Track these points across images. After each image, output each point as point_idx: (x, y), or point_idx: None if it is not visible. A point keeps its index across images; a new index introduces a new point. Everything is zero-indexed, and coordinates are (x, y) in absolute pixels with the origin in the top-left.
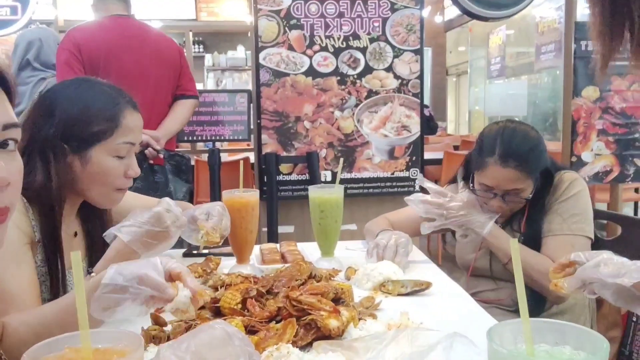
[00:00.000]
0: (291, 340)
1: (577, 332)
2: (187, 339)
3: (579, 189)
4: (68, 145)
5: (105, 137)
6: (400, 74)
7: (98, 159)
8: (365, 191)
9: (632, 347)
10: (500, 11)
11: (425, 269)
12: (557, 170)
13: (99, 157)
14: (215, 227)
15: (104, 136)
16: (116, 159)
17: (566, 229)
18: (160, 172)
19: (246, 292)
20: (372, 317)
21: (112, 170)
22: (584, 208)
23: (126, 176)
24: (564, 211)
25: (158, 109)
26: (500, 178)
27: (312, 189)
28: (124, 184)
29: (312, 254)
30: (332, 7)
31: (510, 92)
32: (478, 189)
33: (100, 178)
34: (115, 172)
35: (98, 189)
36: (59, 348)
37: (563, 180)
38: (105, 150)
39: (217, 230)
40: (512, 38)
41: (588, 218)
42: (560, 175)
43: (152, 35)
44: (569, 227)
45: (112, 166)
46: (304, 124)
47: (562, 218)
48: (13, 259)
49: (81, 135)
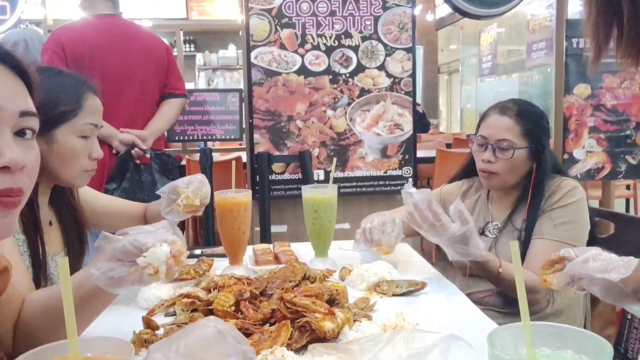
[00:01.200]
0: (286, 343)
1: (578, 335)
2: (178, 338)
3: (577, 199)
4: None
5: (69, 118)
6: (392, 72)
7: (64, 139)
8: (358, 190)
9: (627, 344)
10: (491, 9)
11: (420, 268)
12: (559, 174)
13: (65, 137)
14: (196, 192)
15: (68, 117)
16: (81, 139)
17: (555, 235)
18: (146, 171)
19: (239, 294)
20: (367, 319)
21: (77, 150)
22: (578, 218)
23: (90, 158)
24: (557, 217)
25: (145, 108)
26: (495, 126)
27: (306, 189)
28: (90, 165)
29: (306, 254)
30: (323, 6)
31: (501, 89)
32: (475, 150)
33: (68, 158)
34: (80, 152)
35: (68, 169)
36: (47, 357)
37: (562, 186)
38: (70, 130)
39: (197, 195)
40: (504, 36)
41: (580, 228)
42: (561, 182)
43: (139, 34)
44: (558, 234)
45: (77, 146)
46: (296, 123)
47: (553, 223)
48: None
49: (47, 118)
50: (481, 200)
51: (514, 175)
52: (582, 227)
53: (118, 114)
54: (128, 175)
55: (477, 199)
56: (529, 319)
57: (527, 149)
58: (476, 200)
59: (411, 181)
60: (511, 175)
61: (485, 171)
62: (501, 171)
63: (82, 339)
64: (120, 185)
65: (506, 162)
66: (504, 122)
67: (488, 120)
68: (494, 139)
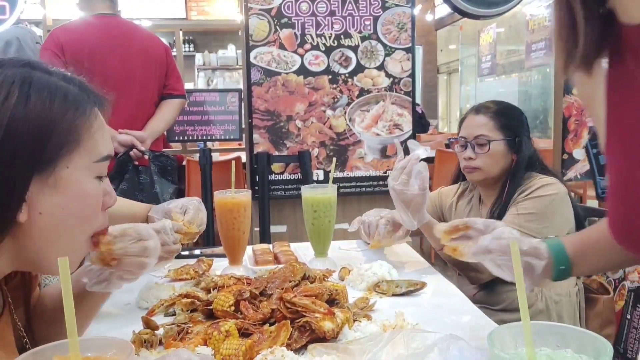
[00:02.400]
0: (285, 343)
1: (578, 335)
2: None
3: (547, 193)
4: None
5: None
6: (391, 72)
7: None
8: (357, 190)
9: (626, 344)
10: (490, 9)
11: (419, 268)
12: (545, 171)
13: None
14: (192, 220)
15: None
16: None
17: (516, 224)
18: (145, 173)
19: (239, 294)
20: (367, 318)
21: None
22: (545, 211)
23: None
24: (522, 208)
25: (144, 109)
26: (471, 125)
27: (305, 189)
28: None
29: (306, 254)
30: (323, 6)
31: (500, 90)
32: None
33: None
34: None
35: None
36: (47, 357)
37: (536, 182)
38: None
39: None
40: (503, 36)
41: (544, 221)
42: (538, 178)
43: (138, 34)
44: (520, 223)
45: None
46: (295, 123)
47: (517, 212)
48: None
49: None
50: (474, 201)
51: (495, 168)
52: (547, 221)
53: (117, 115)
54: (127, 177)
55: (469, 200)
56: (528, 318)
57: (504, 141)
58: (469, 201)
59: None
60: (492, 168)
61: (467, 167)
62: (482, 165)
63: (82, 339)
64: (119, 187)
65: (485, 155)
66: (479, 119)
67: (465, 121)
68: (471, 137)
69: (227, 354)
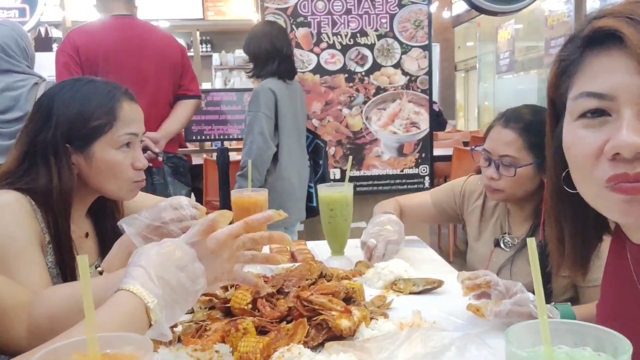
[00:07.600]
0: (302, 341)
1: (597, 332)
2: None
3: None
4: (71, 145)
5: (105, 131)
6: (408, 70)
7: (102, 154)
8: (374, 189)
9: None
10: (509, 5)
11: (437, 267)
12: None
13: (103, 152)
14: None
15: (103, 130)
16: (120, 151)
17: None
18: (158, 174)
19: (256, 291)
20: (383, 317)
21: (118, 163)
22: None
23: (134, 168)
24: None
25: (158, 110)
26: (498, 139)
27: (322, 188)
28: (136, 175)
29: (322, 252)
30: (339, 4)
31: (519, 87)
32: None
33: (109, 172)
34: (121, 164)
35: (112, 183)
36: (67, 354)
37: None
38: (107, 144)
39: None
40: (521, 32)
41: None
42: None
43: (154, 35)
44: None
45: (117, 159)
46: (312, 122)
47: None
48: (23, 260)
49: (81, 133)
50: (500, 206)
51: (520, 190)
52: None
53: None
54: None
55: (497, 203)
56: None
57: (532, 165)
58: (496, 204)
59: None
60: (516, 191)
61: (489, 187)
62: (506, 188)
63: (101, 336)
64: None
65: (510, 179)
66: (506, 135)
67: (492, 132)
68: (496, 155)
69: (245, 351)
